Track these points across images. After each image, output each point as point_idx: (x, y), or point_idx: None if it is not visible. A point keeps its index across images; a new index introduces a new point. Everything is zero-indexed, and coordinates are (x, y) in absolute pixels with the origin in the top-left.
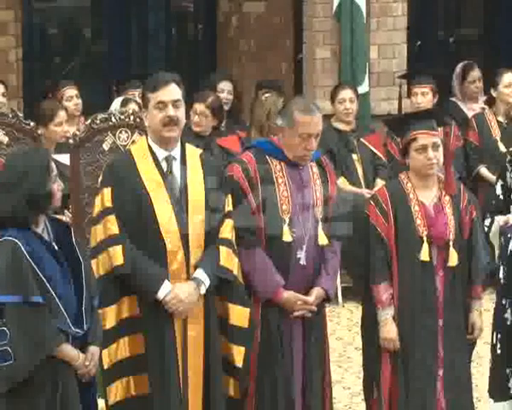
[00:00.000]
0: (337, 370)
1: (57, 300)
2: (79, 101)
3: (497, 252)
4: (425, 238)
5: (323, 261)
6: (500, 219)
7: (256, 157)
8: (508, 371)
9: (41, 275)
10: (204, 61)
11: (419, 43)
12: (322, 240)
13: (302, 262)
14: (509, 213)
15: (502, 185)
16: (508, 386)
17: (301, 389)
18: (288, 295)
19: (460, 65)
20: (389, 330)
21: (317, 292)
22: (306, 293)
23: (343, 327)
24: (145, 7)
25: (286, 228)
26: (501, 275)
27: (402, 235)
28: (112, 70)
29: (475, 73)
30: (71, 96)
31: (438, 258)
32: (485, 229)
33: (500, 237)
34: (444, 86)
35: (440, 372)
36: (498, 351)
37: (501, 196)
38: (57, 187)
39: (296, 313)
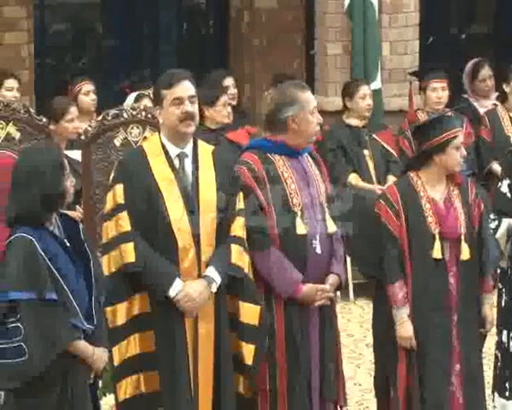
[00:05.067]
0: (348, 366)
1: (71, 296)
2: (95, 97)
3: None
4: (437, 235)
5: (332, 248)
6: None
7: (258, 156)
8: None
9: (55, 272)
10: (215, 57)
11: (431, 39)
12: (331, 228)
13: (318, 251)
14: None
15: (509, 184)
16: None
17: (318, 379)
18: (306, 288)
19: (470, 63)
20: (406, 328)
21: (332, 278)
22: (322, 282)
23: (354, 324)
24: (156, 3)
25: (299, 221)
26: None
27: (414, 233)
28: (123, 66)
29: (485, 72)
30: (88, 91)
31: (450, 253)
32: (491, 231)
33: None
34: (454, 82)
35: (457, 367)
36: (511, 350)
37: (508, 195)
38: (70, 184)
39: (317, 304)
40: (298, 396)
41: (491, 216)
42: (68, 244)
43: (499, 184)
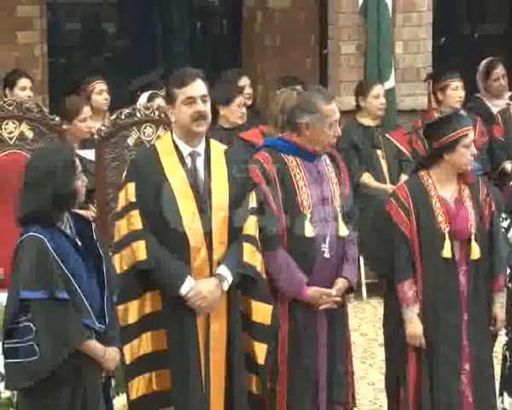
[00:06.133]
0: (361, 366)
1: (82, 296)
2: (108, 96)
3: None
4: (447, 235)
5: (344, 252)
6: None
7: (271, 156)
8: None
9: (66, 271)
10: (228, 56)
11: (444, 38)
12: (343, 231)
13: (326, 255)
14: None
15: None
16: None
17: (326, 381)
18: (312, 291)
19: (483, 62)
20: (415, 327)
21: (340, 283)
22: (331, 285)
23: (367, 323)
24: (169, 3)
25: (308, 224)
26: None
27: (424, 232)
28: (136, 66)
29: (499, 71)
30: (101, 91)
31: (460, 253)
32: (503, 230)
33: None
34: (468, 82)
35: (466, 367)
36: None
37: None
38: (81, 183)
39: (322, 307)
40: (298, 398)
41: (503, 215)
42: (80, 244)
43: (511, 183)
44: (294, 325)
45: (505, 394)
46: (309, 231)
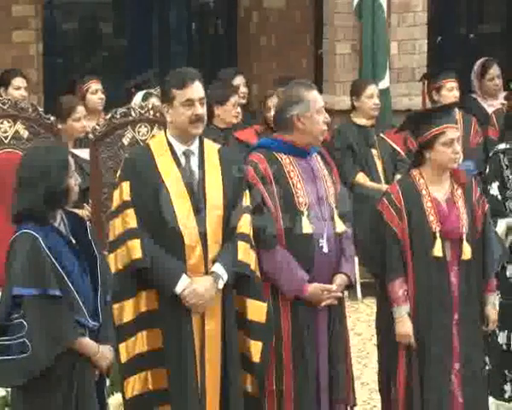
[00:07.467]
0: (356, 366)
1: (75, 293)
2: (103, 96)
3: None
4: (438, 234)
5: (341, 248)
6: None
7: (265, 156)
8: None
9: (60, 269)
10: (225, 56)
11: (440, 38)
12: (340, 228)
13: (325, 250)
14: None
15: (498, 186)
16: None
17: (327, 379)
18: (312, 288)
19: (479, 62)
20: (405, 326)
21: (340, 278)
22: (330, 281)
23: (362, 323)
24: (167, 2)
25: (305, 220)
26: (508, 274)
27: (415, 232)
28: (133, 66)
29: (494, 71)
30: (96, 90)
31: (452, 253)
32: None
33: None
34: (463, 82)
35: (457, 366)
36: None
37: (499, 197)
38: (74, 182)
39: (323, 303)
40: (305, 397)
41: None
42: (74, 242)
43: (488, 187)
44: (297, 324)
45: (490, 397)
46: (307, 227)
